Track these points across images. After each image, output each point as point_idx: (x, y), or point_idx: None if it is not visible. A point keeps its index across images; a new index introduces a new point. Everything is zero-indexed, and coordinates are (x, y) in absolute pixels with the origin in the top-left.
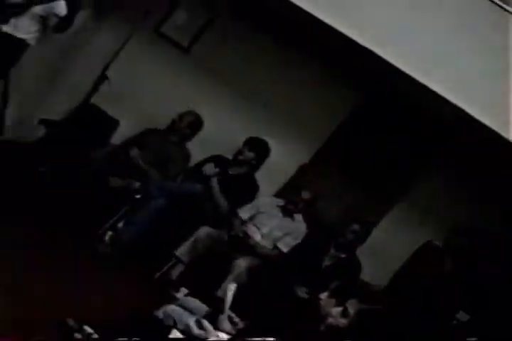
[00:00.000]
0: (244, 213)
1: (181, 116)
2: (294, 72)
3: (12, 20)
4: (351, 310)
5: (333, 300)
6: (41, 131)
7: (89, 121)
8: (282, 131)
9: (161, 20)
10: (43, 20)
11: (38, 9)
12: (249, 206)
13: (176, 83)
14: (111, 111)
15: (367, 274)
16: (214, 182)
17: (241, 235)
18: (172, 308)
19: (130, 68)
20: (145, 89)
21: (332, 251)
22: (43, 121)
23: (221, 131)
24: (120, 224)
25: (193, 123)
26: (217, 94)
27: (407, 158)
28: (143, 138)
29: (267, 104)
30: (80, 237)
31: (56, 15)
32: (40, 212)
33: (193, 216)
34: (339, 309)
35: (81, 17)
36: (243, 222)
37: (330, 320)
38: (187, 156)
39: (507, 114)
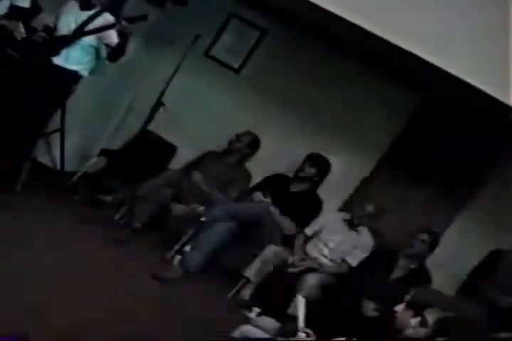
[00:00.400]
0: (309, 230)
1: (239, 137)
2: (347, 85)
3: (63, 52)
4: (430, 319)
5: (410, 312)
6: (102, 162)
7: (148, 149)
8: (341, 145)
9: (210, 44)
10: (95, 50)
11: (88, 40)
12: (314, 222)
13: (229, 104)
14: (168, 137)
15: (436, 283)
16: (272, 209)
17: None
18: (248, 329)
19: (184, 93)
20: (200, 113)
21: (401, 262)
22: (103, 152)
23: (279, 149)
24: (187, 248)
25: (251, 143)
26: (271, 112)
27: (472, 163)
28: (202, 162)
29: (323, 119)
30: (147, 262)
31: (108, 45)
32: None
33: (259, 235)
34: (417, 319)
35: (133, 45)
36: (309, 239)
37: (408, 331)
38: (248, 176)
39: None
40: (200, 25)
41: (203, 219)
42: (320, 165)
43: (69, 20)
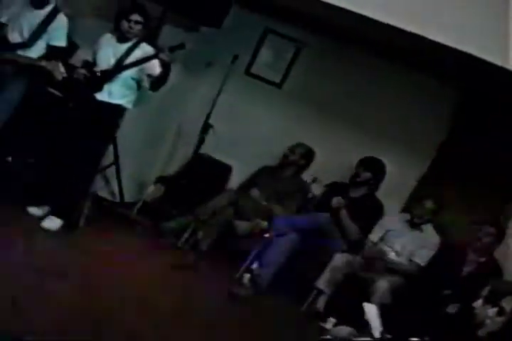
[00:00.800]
0: (373, 235)
1: (292, 149)
2: (390, 87)
3: (106, 87)
4: (507, 308)
5: (488, 306)
6: (160, 189)
7: (204, 171)
8: (392, 147)
9: (249, 62)
10: (136, 82)
11: (129, 73)
12: (377, 227)
13: (277, 119)
14: (222, 158)
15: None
16: (343, 214)
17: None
18: None
19: (230, 112)
20: (249, 130)
21: (470, 256)
22: (159, 179)
23: (332, 158)
24: (255, 265)
25: (305, 154)
26: (319, 122)
27: None
28: (259, 178)
29: (370, 124)
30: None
31: (150, 76)
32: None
33: (324, 245)
34: (494, 310)
35: (173, 71)
36: (374, 244)
37: (486, 322)
38: (305, 188)
39: None
40: (237, 45)
41: (266, 235)
42: (374, 167)
43: (107, 55)
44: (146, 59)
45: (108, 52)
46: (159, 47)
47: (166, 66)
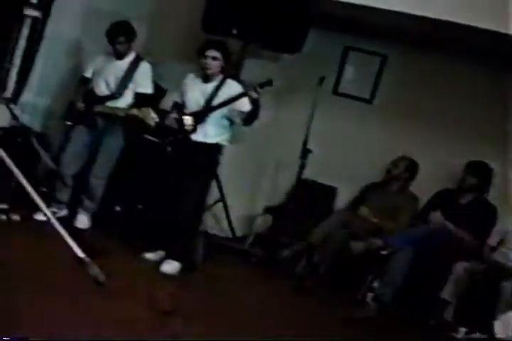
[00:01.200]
0: (492, 240)
1: (395, 163)
2: (478, 88)
3: (199, 128)
4: None
5: None
6: (269, 219)
7: (309, 196)
8: (497, 149)
9: (335, 81)
10: (229, 119)
11: (220, 112)
12: (494, 231)
13: (372, 134)
14: (325, 180)
15: None
16: (450, 225)
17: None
18: None
19: (326, 134)
20: (348, 149)
21: None
22: (267, 210)
23: (436, 168)
24: (375, 284)
25: (409, 167)
26: (416, 133)
27: None
28: (366, 196)
29: (468, 128)
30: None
31: (242, 112)
32: None
33: (443, 256)
34: None
35: (266, 104)
36: (494, 249)
37: None
38: (414, 200)
39: None
40: (320, 66)
41: (384, 252)
42: (481, 171)
43: (195, 96)
44: (236, 98)
45: (195, 93)
46: (246, 83)
47: (255, 102)
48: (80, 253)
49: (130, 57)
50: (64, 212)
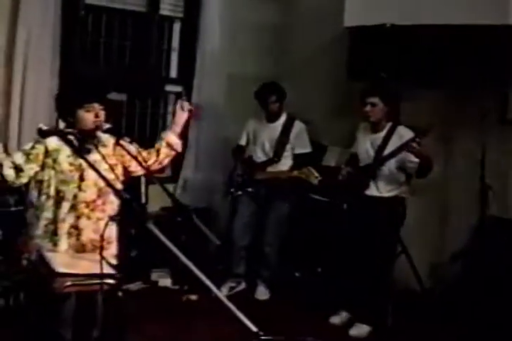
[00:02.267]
0: None
1: None
2: None
3: (371, 183)
4: None
5: None
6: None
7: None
8: None
9: (501, 110)
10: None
11: (392, 164)
12: None
13: None
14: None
15: None
16: None
17: None
18: None
19: (500, 167)
20: None
21: None
22: (454, 256)
23: None
24: None
25: None
26: None
27: None
28: None
29: None
30: None
31: (411, 162)
32: None
33: None
34: None
35: None
36: None
37: None
38: None
39: None
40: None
41: None
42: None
43: (365, 147)
44: (404, 145)
45: (365, 144)
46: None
47: (419, 155)
48: (253, 328)
49: (282, 118)
50: (243, 286)
